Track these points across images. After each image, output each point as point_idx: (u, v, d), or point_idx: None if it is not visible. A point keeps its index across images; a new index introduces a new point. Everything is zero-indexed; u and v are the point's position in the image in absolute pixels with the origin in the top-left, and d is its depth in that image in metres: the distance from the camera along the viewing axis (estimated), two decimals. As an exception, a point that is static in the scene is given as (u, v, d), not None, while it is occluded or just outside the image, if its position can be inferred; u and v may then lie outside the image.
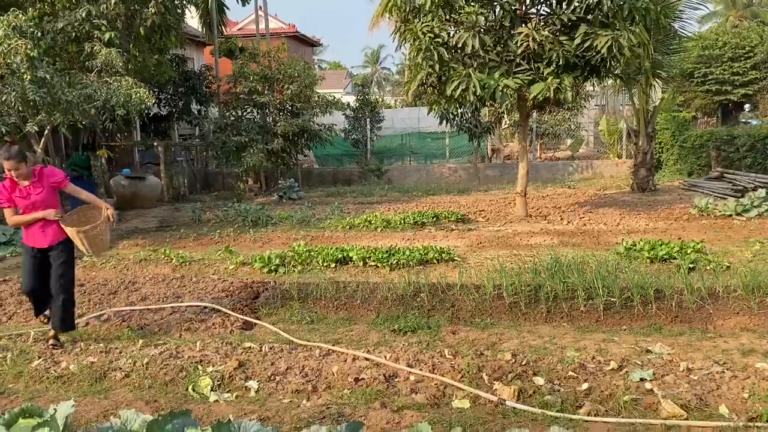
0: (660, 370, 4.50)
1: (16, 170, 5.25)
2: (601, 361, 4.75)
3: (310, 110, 19.14)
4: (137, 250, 10.18)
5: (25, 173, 5.33)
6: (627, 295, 6.14)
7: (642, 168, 15.65)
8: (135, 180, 16.80)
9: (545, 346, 5.20)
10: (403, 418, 3.96)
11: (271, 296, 7.12)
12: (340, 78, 54.10)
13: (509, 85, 10.00)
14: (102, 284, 7.89)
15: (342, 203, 15.07)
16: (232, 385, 4.64)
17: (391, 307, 6.48)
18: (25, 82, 9.23)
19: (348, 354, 5.10)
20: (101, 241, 5.64)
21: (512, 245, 9.46)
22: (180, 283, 7.71)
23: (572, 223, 11.31)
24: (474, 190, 17.69)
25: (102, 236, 5.61)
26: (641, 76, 14.41)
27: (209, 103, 20.41)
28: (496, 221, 11.90)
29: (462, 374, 4.58)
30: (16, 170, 5.25)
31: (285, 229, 11.87)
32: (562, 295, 6.29)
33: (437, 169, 21.61)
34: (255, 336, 5.88)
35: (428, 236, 10.55)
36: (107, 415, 4.19)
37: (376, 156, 22.66)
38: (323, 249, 8.88)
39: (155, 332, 6.04)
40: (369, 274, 8.00)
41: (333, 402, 4.33)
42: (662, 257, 7.81)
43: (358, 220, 11.98)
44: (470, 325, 5.92)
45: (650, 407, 3.99)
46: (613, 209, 12.71)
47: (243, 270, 8.57)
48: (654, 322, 5.73)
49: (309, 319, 6.33)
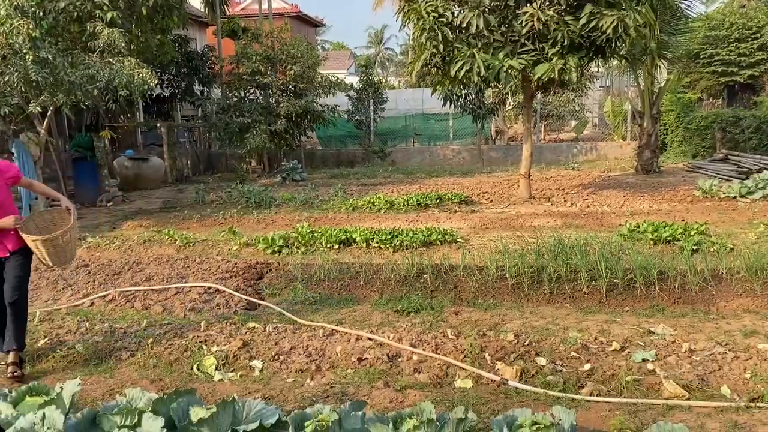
0: (662, 351, 4.52)
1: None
2: (603, 341, 4.77)
3: (313, 91, 19.04)
4: (141, 231, 10.21)
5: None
6: (630, 276, 6.16)
7: (646, 150, 15.58)
8: (138, 161, 16.80)
9: (548, 326, 5.22)
10: (406, 398, 3.99)
11: (275, 277, 7.16)
12: (343, 59, 53.77)
13: (514, 66, 9.93)
14: (106, 265, 7.92)
15: (345, 185, 15.05)
16: (236, 365, 4.68)
17: (394, 288, 6.51)
18: (28, 63, 9.19)
19: (351, 334, 5.13)
20: (69, 249, 4.86)
21: (515, 227, 9.46)
22: (184, 264, 7.74)
23: (576, 205, 11.28)
24: (477, 172, 17.64)
25: (70, 243, 4.86)
26: (647, 56, 14.29)
27: (212, 84, 20.31)
28: (499, 203, 11.88)
29: (465, 354, 4.61)
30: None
31: (288, 211, 11.87)
32: (565, 276, 6.30)
33: (441, 151, 21.54)
34: (259, 316, 5.91)
35: (431, 218, 10.55)
36: (113, 394, 4.24)
37: (380, 137, 22.58)
38: (326, 230, 8.89)
39: (160, 312, 6.08)
40: (372, 255, 8.01)
41: (336, 381, 4.37)
42: (665, 239, 7.80)
43: (362, 201, 11.97)
44: (473, 306, 5.95)
45: (652, 387, 4.01)
46: (616, 191, 12.67)
47: (247, 251, 8.59)
48: (657, 304, 5.75)
49: (312, 299, 6.36)
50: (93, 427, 3.40)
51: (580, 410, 3.66)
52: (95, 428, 3.39)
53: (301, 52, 18.43)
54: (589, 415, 3.65)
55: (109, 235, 10.06)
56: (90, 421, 3.41)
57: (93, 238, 9.69)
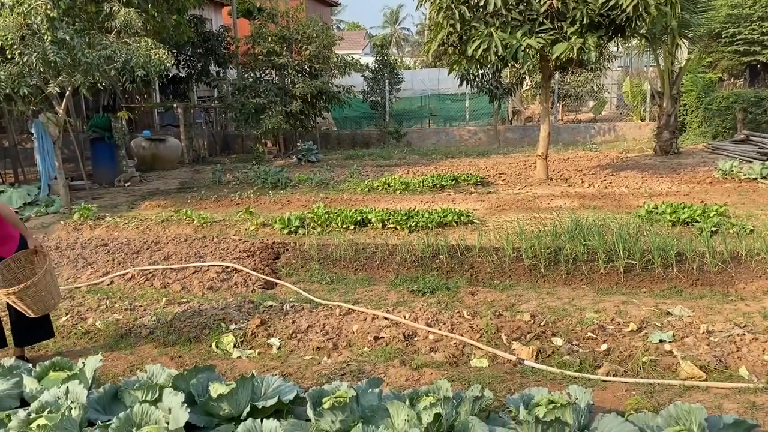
0: (680, 332, 4.50)
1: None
2: (620, 322, 4.76)
3: (329, 72, 18.97)
4: (159, 211, 10.30)
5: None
6: (648, 257, 6.12)
7: (665, 130, 15.38)
8: (156, 142, 16.89)
9: (564, 307, 5.22)
10: (422, 376, 4.02)
11: (292, 257, 7.20)
12: (358, 39, 53.41)
13: (532, 45, 9.81)
14: (125, 244, 8.01)
15: (360, 166, 15.04)
16: (254, 342, 4.74)
17: (410, 269, 6.52)
18: (46, 43, 9.23)
19: (368, 313, 5.16)
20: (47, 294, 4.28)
21: (532, 208, 9.41)
22: (202, 244, 7.81)
23: (593, 186, 11.20)
24: (494, 153, 17.54)
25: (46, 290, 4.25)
26: (667, 35, 14.05)
27: (228, 65, 20.27)
28: (516, 184, 11.82)
29: (480, 334, 4.62)
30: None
31: (304, 191, 11.91)
32: (582, 257, 6.28)
33: (457, 132, 21.41)
34: (276, 295, 5.96)
35: (447, 199, 10.53)
36: (133, 370, 4.31)
37: (395, 118, 22.47)
38: (342, 211, 8.91)
39: (178, 291, 6.15)
40: (388, 236, 8.03)
41: (353, 359, 4.41)
42: (684, 220, 7.73)
43: (377, 182, 11.96)
44: (489, 287, 5.95)
45: (669, 368, 4.00)
46: (635, 172, 12.55)
47: (263, 231, 8.64)
48: (674, 285, 5.71)
49: (329, 279, 6.39)
50: (115, 401, 3.48)
51: (596, 390, 3.67)
52: (117, 402, 3.46)
53: (317, 32, 18.34)
54: (606, 395, 3.66)
55: (127, 214, 10.16)
56: (112, 396, 3.48)
57: (111, 217, 9.79)
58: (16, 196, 11.48)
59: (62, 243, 8.32)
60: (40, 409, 3.15)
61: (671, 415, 2.94)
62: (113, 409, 3.38)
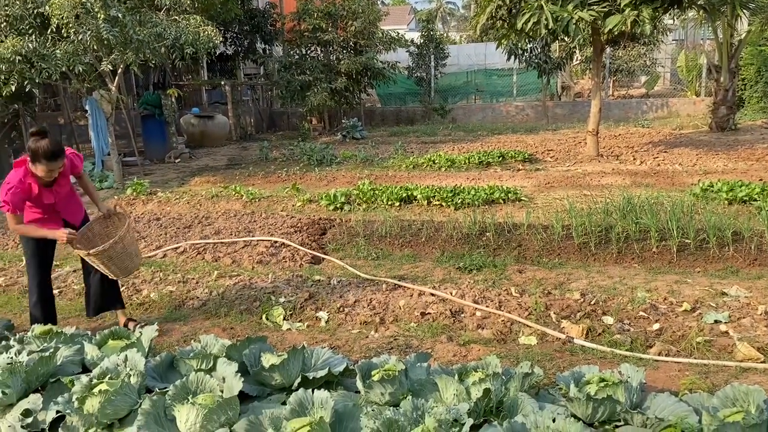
0: (736, 313, 4.38)
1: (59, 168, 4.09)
2: (673, 302, 4.65)
3: (374, 47, 18.87)
4: (209, 187, 10.50)
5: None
6: (702, 236, 5.94)
7: (722, 106, 14.83)
8: (204, 119, 17.17)
9: (615, 286, 5.12)
10: (469, 352, 4.02)
11: (338, 233, 7.25)
12: (403, 14, 52.86)
13: (583, 18, 9.54)
14: (177, 218, 8.21)
15: (405, 142, 14.99)
16: (303, 315, 4.81)
17: (456, 246, 6.50)
18: (99, 21, 9.43)
19: (414, 289, 5.18)
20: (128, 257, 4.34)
21: (582, 185, 9.23)
22: (250, 219, 7.94)
23: (645, 163, 10.90)
24: (542, 129, 17.23)
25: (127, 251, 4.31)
26: (726, 6, 13.43)
27: (273, 42, 20.38)
28: (565, 161, 11.60)
29: (529, 312, 4.58)
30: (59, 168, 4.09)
31: (349, 168, 11.95)
32: (634, 236, 6.14)
33: (503, 108, 21.08)
34: (323, 270, 6.03)
35: (494, 176, 10.41)
36: (187, 340, 4.43)
37: (440, 94, 22.24)
38: (387, 188, 8.92)
39: (229, 264, 6.28)
40: (433, 213, 8.01)
41: (400, 334, 4.43)
42: (742, 199, 7.47)
43: (422, 159, 11.91)
44: (537, 265, 5.88)
45: (724, 349, 3.90)
46: (689, 149, 12.16)
47: (309, 207, 8.73)
48: (730, 265, 5.53)
49: (374, 255, 6.43)
50: (171, 369, 3.59)
51: (648, 370, 3.60)
52: (173, 371, 3.58)
53: (362, 8, 18.24)
54: (658, 375, 3.59)
55: (178, 190, 10.40)
56: (168, 364, 3.60)
57: (163, 193, 10.04)
58: (72, 171, 11.85)
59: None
60: (101, 375, 3.28)
61: (728, 396, 2.87)
62: (169, 377, 3.50)
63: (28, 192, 4.11)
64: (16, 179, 4.08)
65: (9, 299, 5.55)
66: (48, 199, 4.22)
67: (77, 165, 4.42)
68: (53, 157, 3.93)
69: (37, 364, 3.47)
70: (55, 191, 4.26)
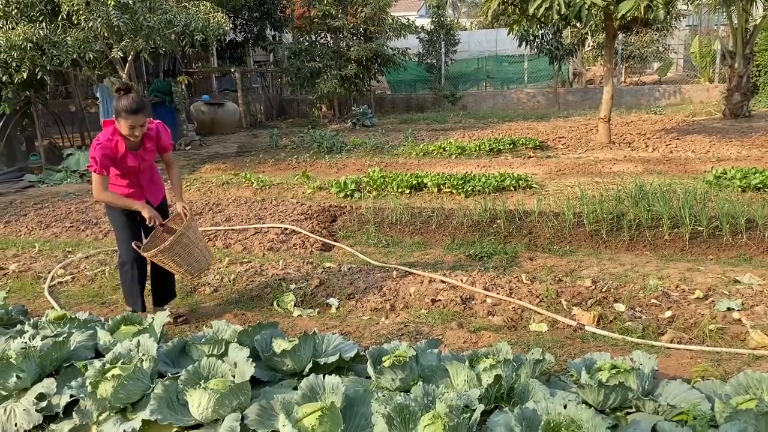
0: (749, 301, 4.34)
1: (141, 126, 4.08)
2: (685, 289, 4.62)
3: (384, 34, 18.77)
4: (219, 174, 10.52)
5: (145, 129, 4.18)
6: (715, 224, 5.89)
7: (736, 92, 14.64)
8: (214, 106, 17.18)
9: (627, 273, 5.10)
10: (480, 339, 4.02)
11: (348, 220, 7.25)
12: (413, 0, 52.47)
13: (596, 3, 9.42)
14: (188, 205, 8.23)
15: (415, 130, 14.95)
16: (314, 302, 4.83)
17: (466, 233, 6.48)
18: (110, 8, 9.44)
19: (424, 276, 5.17)
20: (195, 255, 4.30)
21: (593, 173, 9.17)
22: (261, 206, 7.96)
23: (658, 151, 10.81)
24: (553, 116, 17.11)
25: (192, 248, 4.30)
26: (742, -10, 13.24)
27: (283, 28, 20.30)
28: (576, 148, 11.52)
29: (540, 299, 4.57)
30: (141, 126, 4.08)
31: (359, 156, 11.93)
32: (646, 223, 6.10)
33: (514, 95, 20.94)
34: (333, 257, 6.03)
35: (504, 163, 10.36)
36: (199, 326, 4.46)
37: (451, 81, 22.12)
38: (397, 175, 8.90)
39: (240, 251, 6.30)
40: (444, 200, 7.99)
41: (411, 321, 4.44)
42: (755, 186, 7.40)
43: (432, 146, 11.87)
44: (548, 252, 5.86)
45: (737, 337, 3.87)
46: (702, 136, 12.03)
47: (320, 194, 8.73)
48: (744, 253, 5.49)
49: (385, 242, 6.42)
50: (183, 355, 3.61)
51: (660, 357, 3.58)
52: (185, 356, 3.60)
53: (372, -6, 18.12)
54: (670, 362, 3.58)
55: (189, 177, 10.43)
56: (180, 349, 3.62)
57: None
58: (83, 158, 11.93)
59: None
60: (114, 360, 3.31)
61: (741, 383, 2.85)
62: (181, 362, 3.52)
63: (114, 150, 4.11)
64: (105, 137, 4.11)
65: (23, 285, 5.60)
66: (132, 162, 4.21)
67: (164, 139, 4.36)
68: (134, 110, 3.96)
69: (51, 349, 3.50)
70: (140, 156, 4.25)
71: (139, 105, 3.99)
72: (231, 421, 2.82)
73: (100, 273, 5.73)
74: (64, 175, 11.36)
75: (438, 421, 2.51)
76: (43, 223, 7.89)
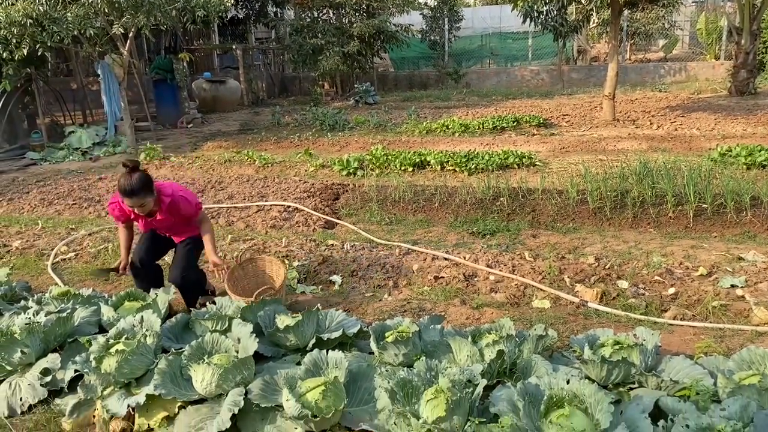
0: (753, 278, 4.33)
1: (141, 206, 3.84)
2: (689, 267, 4.61)
3: (387, 10, 18.59)
4: (221, 152, 10.49)
5: (152, 206, 3.93)
6: (719, 201, 5.86)
7: (743, 69, 14.50)
8: (216, 83, 17.08)
9: (630, 251, 5.08)
10: (482, 315, 4.02)
11: (351, 198, 7.23)
12: (416, -23, 51.85)
13: (602, -22, 9.28)
14: (190, 183, 8.22)
15: (418, 108, 14.85)
16: (317, 279, 4.83)
17: (469, 211, 6.46)
18: (109, -16, 9.35)
19: (427, 254, 5.17)
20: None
21: (597, 150, 9.12)
22: (263, 184, 7.93)
23: (662, 128, 10.73)
24: (557, 94, 16.98)
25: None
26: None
27: (285, 5, 20.11)
28: (580, 126, 11.44)
29: (543, 276, 4.57)
30: (141, 206, 3.84)
31: (362, 133, 11.87)
32: (650, 200, 6.07)
33: (518, 72, 20.76)
34: (336, 234, 6.03)
35: (508, 141, 10.31)
36: (203, 303, 4.45)
37: (454, 58, 21.93)
38: (400, 153, 8.86)
39: (242, 229, 6.29)
40: (447, 178, 7.95)
41: (413, 297, 4.44)
42: (761, 163, 7.35)
43: (435, 124, 11.81)
44: (551, 230, 5.84)
45: (740, 314, 3.87)
46: (707, 113, 11.94)
47: (322, 172, 8.70)
48: (748, 230, 5.46)
49: (388, 220, 6.41)
50: (186, 330, 3.62)
51: (663, 333, 3.58)
52: (188, 332, 3.61)
53: (375, -31, 17.91)
54: (673, 339, 3.57)
55: (191, 155, 10.40)
56: (183, 325, 3.63)
57: (176, 157, 10.04)
58: (85, 136, 11.89)
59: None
60: (118, 336, 3.32)
61: (744, 359, 2.85)
62: (185, 338, 3.53)
63: (122, 211, 4.05)
64: (115, 196, 4.01)
65: (26, 261, 5.61)
66: (143, 227, 4.19)
67: (183, 210, 4.02)
68: (126, 194, 3.73)
69: (55, 325, 3.52)
70: (152, 223, 4.11)
71: (132, 189, 3.70)
72: (235, 396, 2.83)
73: (103, 250, 5.73)
74: (66, 152, 11.33)
75: (441, 395, 2.51)
76: (45, 200, 7.88)
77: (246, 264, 4.43)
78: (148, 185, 3.76)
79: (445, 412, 2.43)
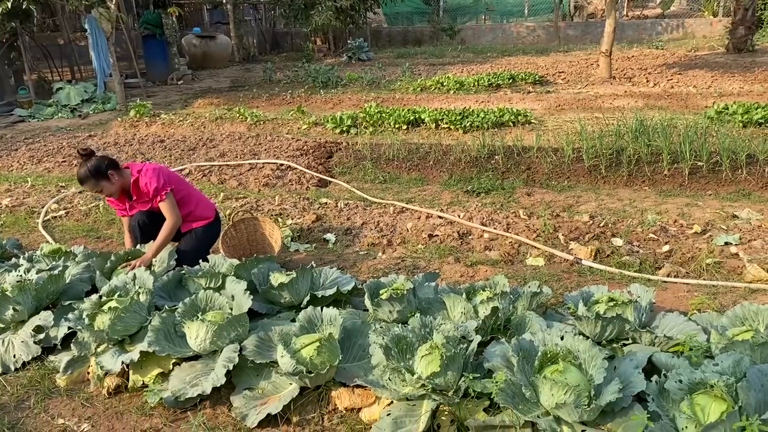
0: (747, 235, 4.34)
1: (97, 192, 3.97)
2: (683, 224, 4.61)
3: (381, -37, 18.15)
4: (212, 109, 10.34)
5: (113, 190, 3.93)
6: (715, 159, 5.83)
7: (741, 26, 14.30)
8: (206, 39, 16.74)
9: (625, 209, 5.07)
10: (477, 273, 4.02)
11: (345, 156, 7.16)
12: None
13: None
14: (181, 140, 8.12)
15: (413, 64, 14.64)
16: (310, 237, 4.80)
17: (464, 169, 6.41)
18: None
19: (422, 212, 5.14)
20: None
21: (593, 108, 9.03)
22: (256, 141, 7.84)
23: (659, 86, 10.63)
24: (553, 51, 16.75)
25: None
26: None
27: (276, -43, 19.60)
28: (576, 83, 11.32)
29: (537, 234, 4.55)
30: (97, 192, 3.97)
31: (355, 91, 11.71)
32: (645, 158, 6.03)
33: (514, 29, 20.43)
34: (330, 193, 5.98)
35: (503, 98, 10.19)
36: (196, 260, 4.43)
37: (449, 14, 21.53)
38: (394, 111, 8.75)
39: (235, 187, 6.23)
40: (441, 136, 7.88)
41: (408, 255, 4.43)
42: (757, 121, 7.30)
43: (430, 81, 11.65)
44: (546, 188, 5.82)
45: (734, 271, 3.88)
46: (704, 71, 11.82)
47: (315, 130, 8.60)
48: (743, 188, 5.45)
49: (382, 178, 6.36)
50: (179, 288, 3.61)
51: (657, 291, 3.59)
52: (182, 289, 3.59)
53: None
54: (666, 296, 3.59)
55: (181, 112, 10.25)
56: (177, 282, 3.61)
57: (166, 115, 9.89)
58: (74, 93, 11.68)
59: (120, 139, 8.49)
60: (111, 293, 3.30)
61: (737, 315, 2.86)
62: (178, 296, 3.51)
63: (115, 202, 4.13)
64: None
65: (16, 219, 5.56)
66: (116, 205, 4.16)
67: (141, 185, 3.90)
68: (79, 182, 3.90)
69: (47, 282, 3.49)
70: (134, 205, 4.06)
71: (81, 177, 3.82)
72: (229, 352, 2.83)
73: (94, 208, 5.67)
74: (54, 109, 11.14)
75: (435, 351, 2.52)
76: (35, 158, 7.77)
77: (239, 224, 4.40)
78: (99, 170, 3.80)
79: (439, 367, 2.44)
